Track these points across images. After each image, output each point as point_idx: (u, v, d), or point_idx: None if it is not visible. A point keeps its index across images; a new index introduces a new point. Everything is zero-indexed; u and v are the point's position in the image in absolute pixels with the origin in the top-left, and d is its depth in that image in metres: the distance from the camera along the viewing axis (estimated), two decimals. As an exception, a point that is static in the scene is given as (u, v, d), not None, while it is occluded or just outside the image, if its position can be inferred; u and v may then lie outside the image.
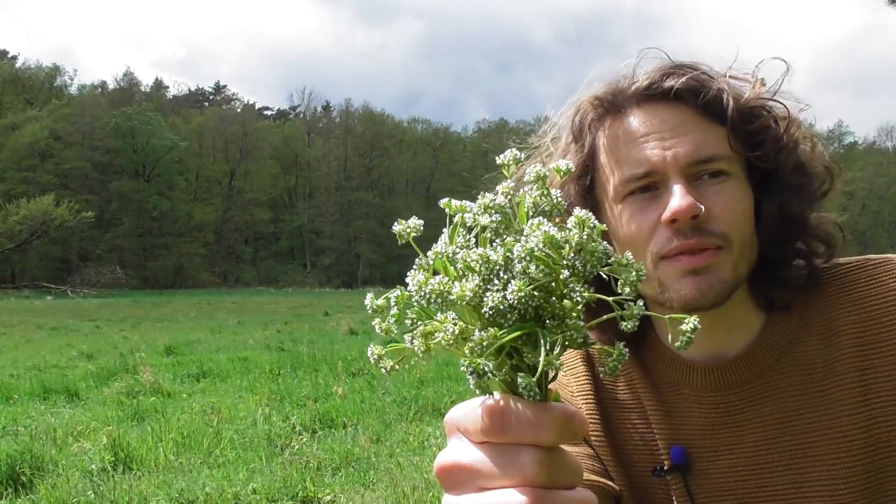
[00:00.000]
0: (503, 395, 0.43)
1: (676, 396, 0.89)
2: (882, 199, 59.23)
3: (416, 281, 0.41)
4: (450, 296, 0.40)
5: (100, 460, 4.58)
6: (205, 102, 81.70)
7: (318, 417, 5.85)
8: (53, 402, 6.95)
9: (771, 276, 0.85)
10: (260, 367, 9.02)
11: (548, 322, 0.41)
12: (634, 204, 0.83)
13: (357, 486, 4.18)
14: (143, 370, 8.10)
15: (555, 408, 0.42)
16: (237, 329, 16.04)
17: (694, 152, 0.80)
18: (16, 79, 63.78)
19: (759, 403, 0.84)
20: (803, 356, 0.84)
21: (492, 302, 0.39)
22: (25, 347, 12.22)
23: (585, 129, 0.88)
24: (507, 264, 0.40)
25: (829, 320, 0.84)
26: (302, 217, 69.89)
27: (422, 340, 0.43)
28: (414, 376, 7.79)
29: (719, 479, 0.85)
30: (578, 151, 0.88)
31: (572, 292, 0.41)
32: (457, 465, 0.44)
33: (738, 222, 0.80)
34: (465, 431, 0.44)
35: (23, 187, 52.18)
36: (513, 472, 0.41)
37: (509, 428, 0.42)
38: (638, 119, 0.83)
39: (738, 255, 0.80)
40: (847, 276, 0.86)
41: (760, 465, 0.83)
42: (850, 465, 0.79)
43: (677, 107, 0.82)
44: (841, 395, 0.81)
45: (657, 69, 0.84)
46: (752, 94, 0.83)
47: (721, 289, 0.80)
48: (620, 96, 0.85)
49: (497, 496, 0.41)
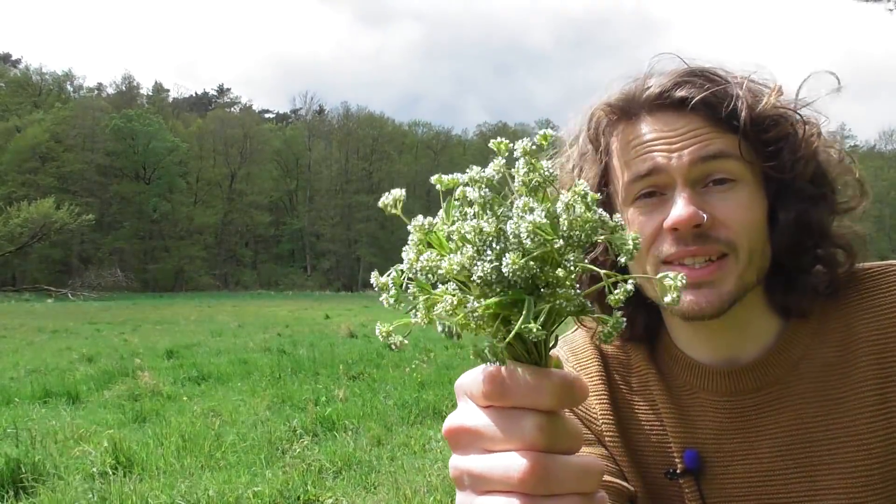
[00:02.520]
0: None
1: (691, 400, 0.89)
2: (882, 203, 59.18)
3: (408, 259, 0.43)
4: (439, 270, 0.42)
5: (101, 463, 4.58)
6: (207, 106, 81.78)
7: (319, 420, 5.85)
8: (54, 406, 6.94)
9: (787, 284, 0.84)
10: (260, 371, 9.01)
11: (542, 290, 0.43)
12: (641, 208, 0.83)
13: (358, 489, 4.18)
14: (143, 374, 8.10)
15: (554, 374, 0.44)
16: (238, 332, 16.01)
17: (699, 149, 0.80)
18: (26, 82, 63.89)
19: (774, 410, 0.84)
20: (821, 363, 0.83)
21: (480, 272, 0.41)
22: (26, 350, 12.20)
23: (601, 136, 0.88)
24: (499, 235, 0.42)
25: (848, 327, 0.83)
26: (302, 220, 69.90)
27: (424, 313, 0.44)
28: (415, 380, 7.79)
29: (733, 485, 0.84)
30: (595, 158, 0.89)
31: (566, 261, 0.42)
32: (463, 428, 0.46)
33: (746, 229, 0.79)
34: (472, 396, 0.47)
35: (24, 190, 52.21)
36: (514, 435, 0.43)
37: (509, 392, 0.44)
38: (648, 125, 0.84)
39: (744, 263, 0.80)
40: (867, 283, 0.84)
41: (775, 472, 0.82)
42: (868, 475, 0.78)
43: (688, 115, 0.82)
44: (859, 403, 0.80)
45: (670, 76, 0.84)
46: (769, 103, 0.82)
47: (722, 301, 0.79)
48: (633, 103, 0.85)
49: (500, 459, 0.44)
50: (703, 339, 0.87)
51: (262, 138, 70.34)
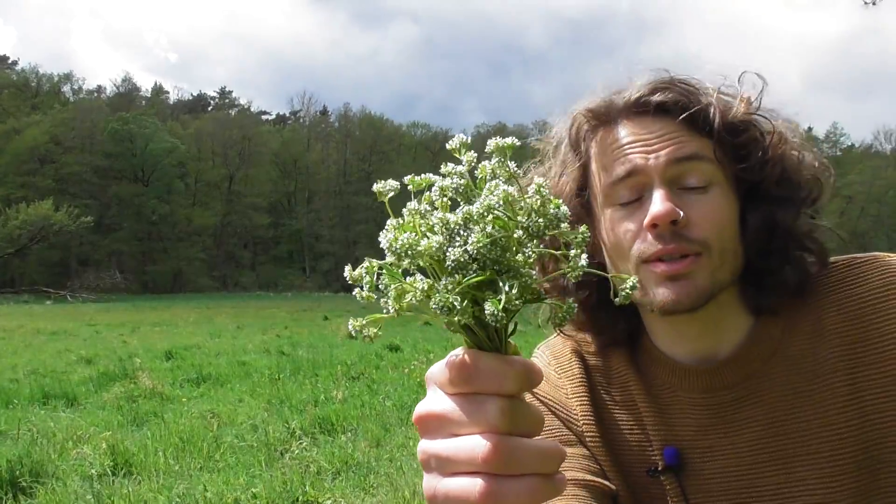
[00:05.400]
0: (469, 350, 0.48)
1: (671, 398, 0.91)
2: (881, 202, 59.25)
3: (388, 238, 0.45)
4: (418, 248, 0.44)
5: (99, 465, 4.58)
6: (206, 107, 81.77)
7: (317, 422, 5.85)
8: (53, 407, 6.93)
9: (758, 283, 0.87)
10: (259, 372, 9.01)
11: (503, 276, 0.45)
12: (620, 211, 0.86)
13: (357, 490, 4.18)
14: (142, 375, 8.09)
15: (516, 360, 0.47)
16: (236, 333, 16.01)
17: (676, 151, 0.83)
18: (25, 84, 63.87)
19: (750, 404, 0.86)
20: (793, 356, 0.85)
21: (453, 255, 0.44)
22: (25, 352, 12.19)
23: (581, 141, 0.92)
24: (466, 224, 0.45)
25: (818, 320, 0.86)
26: (301, 221, 69.91)
27: (395, 301, 0.46)
28: (414, 381, 7.79)
29: (713, 479, 0.87)
30: (575, 162, 0.92)
31: (525, 248, 0.45)
32: (430, 414, 0.49)
33: (719, 230, 0.83)
34: (439, 384, 0.49)
35: (22, 192, 52.23)
36: (478, 419, 0.46)
37: (473, 378, 0.47)
38: (626, 129, 0.87)
39: (717, 262, 0.83)
40: (833, 276, 0.87)
41: (753, 465, 0.85)
42: (843, 463, 0.81)
43: (664, 119, 0.86)
44: (831, 393, 0.82)
45: (648, 83, 0.87)
46: (739, 110, 0.86)
47: (697, 295, 0.82)
48: (612, 108, 0.88)
49: (465, 441, 0.46)
50: (681, 337, 0.90)
51: (261, 140, 70.37)
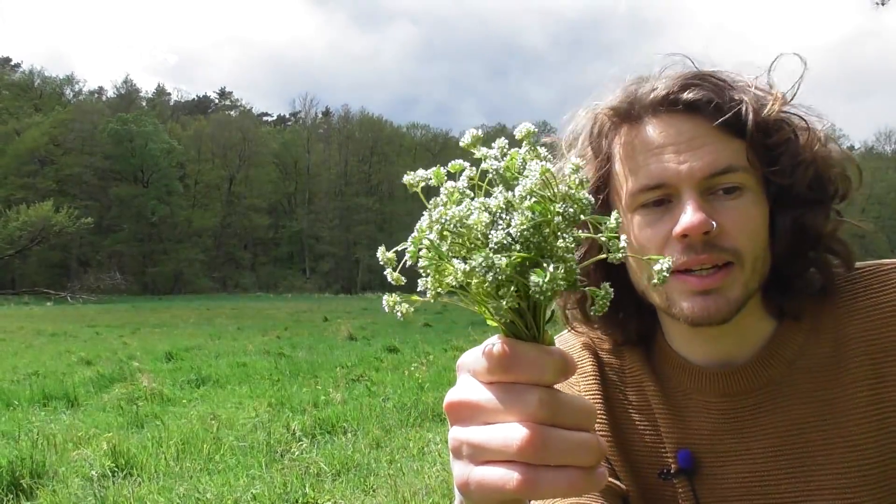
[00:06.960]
0: (507, 339, 0.46)
1: (686, 401, 0.88)
2: (882, 203, 59.26)
3: (438, 211, 0.44)
4: (468, 220, 0.44)
5: (100, 466, 4.57)
6: (207, 109, 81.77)
7: (317, 423, 5.84)
8: (53, 409, 6.93)
9: (783, 287, 0.84)
10: (259, 373, 9.00)
11: (546, 260, 0.45)
12: (647, 216, 0.81)
13: (357, 491, 4.17)
14: (142, 377, 8.09)
15: (554, 350, 0.46)
16: (236, 335, 15.99)
17: (709, 166, 0.78)
18: (27, 86, 63.91)
19: (768, 411, 0.83)
20: (814, 364, 0.82)
21: (496, 238, 0.43)
22: (25, 353, 12.18)
23: (602, 139, 0.86)
24: (507, 208, 0.44)
25: (841, 327, 0.82)
26: (301, 222, 69.89)
27: (435, 279, 0.45)
28: (414, 381, 7.79)
29: (727, 485, 0.84)
30: (595, 161, 0.87)
31: (564, 234, 0.45)
32: (465, 402, 0.47)
33: (751, 238, 0.79)
34: (475, 372, 0.47)
35: (22, 193, 52.23)
36: (517, 408, 0.44)
37: (513, 367, 0.45)
38: (654, 129, 0.81)
39: (749, 271, 0.79)
40: (859, 283, 0.84)
41: (769, 472, 0.82)
42: (861, 474, 0.78)
43: (695, 118, 0.80)
44: (852, 403, 0.80)
45: (676, 78, 0.82)
46: (773, 108, 0.80)
47: (729, 309, 0.79)
48: (637, 104, 0.82)
49: (499, 429, 0.44)
50: (700, 341, 0.87)
51: (261, 141, 70.38)
